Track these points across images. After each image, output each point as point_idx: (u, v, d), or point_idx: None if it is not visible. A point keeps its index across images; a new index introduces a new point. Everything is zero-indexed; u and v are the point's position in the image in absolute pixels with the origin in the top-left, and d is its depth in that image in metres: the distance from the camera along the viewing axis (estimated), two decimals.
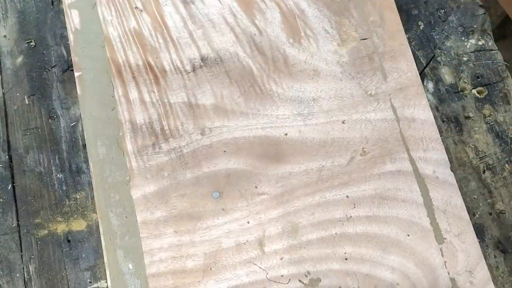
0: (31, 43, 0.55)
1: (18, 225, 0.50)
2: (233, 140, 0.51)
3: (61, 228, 0.50)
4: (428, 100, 0.53)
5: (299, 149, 0.51)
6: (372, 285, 0.47)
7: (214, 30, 0.54)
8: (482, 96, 0.55)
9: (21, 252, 0.49)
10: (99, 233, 0.49)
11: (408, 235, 0.49)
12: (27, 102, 0.53)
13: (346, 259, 0.48)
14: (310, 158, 0.50)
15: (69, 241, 0.49)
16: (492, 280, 0.48)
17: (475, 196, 0.52)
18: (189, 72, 0.53)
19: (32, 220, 0.50)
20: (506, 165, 0.53)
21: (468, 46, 0.56)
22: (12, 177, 0.51)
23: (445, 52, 0.56)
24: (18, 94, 0.53)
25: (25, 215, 0.50)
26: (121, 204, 0.49)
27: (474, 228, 0.49)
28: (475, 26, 0.57)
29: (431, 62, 0.55)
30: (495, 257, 0.50)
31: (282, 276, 0.47)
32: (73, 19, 0.54)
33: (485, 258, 0.49)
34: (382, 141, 0.51)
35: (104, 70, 0.53)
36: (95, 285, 0.49)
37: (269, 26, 0.54)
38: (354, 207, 0.49)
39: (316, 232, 0.49)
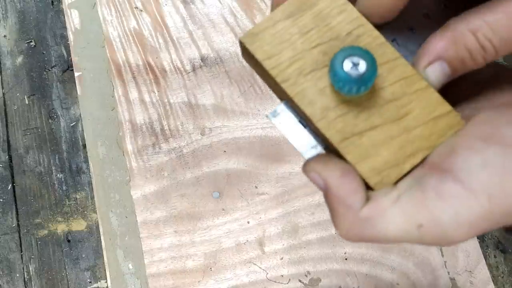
0: (31, 43, 0.55)
1: (18, 225, 0.50)
2: (233, 140, 0.51)
3: (61, 228, 0.50)
4: None
5: None
6: (372, 285, 0.47)
7: (214, 30, 0.54)
8: None
9: (21, 252, 0.49)
10: (99, 233, 0.49)
11: None
12: (27, 102, 0.53)
13: (346, 259, 0.48)
14: None
15: (69, 241, 0.49)
16: (492, 280, 0.48)
17: None
18: (189, 72, 0.53)
19: (32, 220, 0.50)
20: None
21: None
22: (12, 177, 0.51)
23: None
24: (18, 94, 0.53)
25: (25, 215, 0.50)
26: (121, 204, 0.49)
27: None
28: None
29: None
30: (495, 257, 0.50)
31: (282, 276, 0.47)
32: (73, 19, 0.54)
33: (485, 258, 0.49)
34: None
35: (104, 70, 0.53)
36: (95, 285, 0.49)
37: None
38: None
39: (316, 232, 0.49)
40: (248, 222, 0.49)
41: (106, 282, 0.48)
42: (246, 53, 0.22)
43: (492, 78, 0.21)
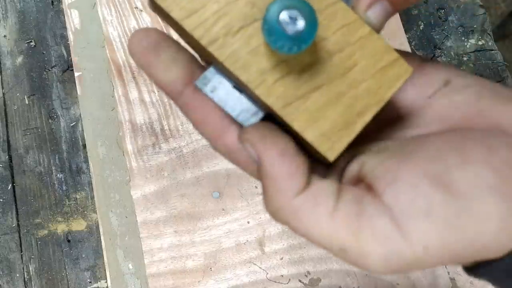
0: (31, 43, 0.55)
1: (18, 225, 0.50)
2: None
3: (61, 228, 0.50)
4: None
5: None
6: (372, 285, 0.47)
7: None
8: None
9: (21, 252, 0.49)
10: (99, 233, 0.49)
11: None
12: (27, 102, 0.53)
13: None
14: None
15: (69, 241, 0.49)
16: None
17: None
18: None
19: (32, 220, 0.50)
20: None
21: (468, 46, 0.56)
22: (12, 177, 0.51)
23: (445, 52, 0.56)
24: (18, 94, 0.53)
25: (25, 215, 0.50)
26: (121, 204, 0.49)
27: None
28: (475, 26, 0.57)
29: None
30: None
31: (282, 276, 0.47)
32: (73, 19, 0.54)
33: None
34: None
35: (104, 70, 0.53)
36: (95, 285, 0.48)
37: None
38: None
39: None
40: (248, 222, 0.49)
41: (106, 282, 0.48)
42: (158, 10, 0.18)
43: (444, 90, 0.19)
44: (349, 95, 0.18)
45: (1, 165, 0.52)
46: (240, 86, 0.19)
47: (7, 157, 0.52)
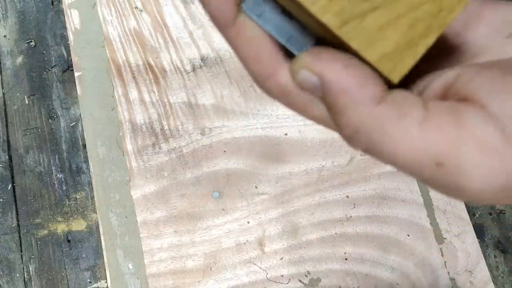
0: (31, 43, 0.55)
1: (18, 225, 0.50)
2: (233, 140, 0.51)
3: (61, 228, 0.50)
4: None
5: (299, 149, 0.51)
6: (372, 285, 0.47)
7: (214, 30, 0.54)
8: None
9: (21, 252, 0.49)
10: (99, 233, 0.49)
11: (408, 235, 0.49)
12: (27, 102, 0.53)
13: (346, 259, 0.48)
14: (310, 158, 0.50)
15: (69, 241, 0.49)
16: (492, 280, 0.48)
17: None
18: (189, 72, 0.53)
19: (32, 220, 0.50)
20: None
21: None
22: (12, 177, 0.51)
23: None
24: (18, 94, 0.53)
25: (25, 215, 0.50)
26: (121, 204, 0.49)
27: (474, 228, 0.49)
28: None
29: None
30: (495, 257, 0.50)
31: (282, 276, 0.47)
32: (73, 19, 0.54)
33: (485, 258, 0.49)
34: None
35: (104, 70, 0.53)
36: (95, 285, 0.48)
37: None
38: (354, 207, 0.49)
39: (316, 232, 0.49)
40: (248, 222, 0.49)
41: (106, 282, 0.48)
42: None
43: None
44: (409, 17, 0.17)
45: (1, 165, 0.52)
46: (289, 10, 0.18)
47: (7, 157, 0.52)
